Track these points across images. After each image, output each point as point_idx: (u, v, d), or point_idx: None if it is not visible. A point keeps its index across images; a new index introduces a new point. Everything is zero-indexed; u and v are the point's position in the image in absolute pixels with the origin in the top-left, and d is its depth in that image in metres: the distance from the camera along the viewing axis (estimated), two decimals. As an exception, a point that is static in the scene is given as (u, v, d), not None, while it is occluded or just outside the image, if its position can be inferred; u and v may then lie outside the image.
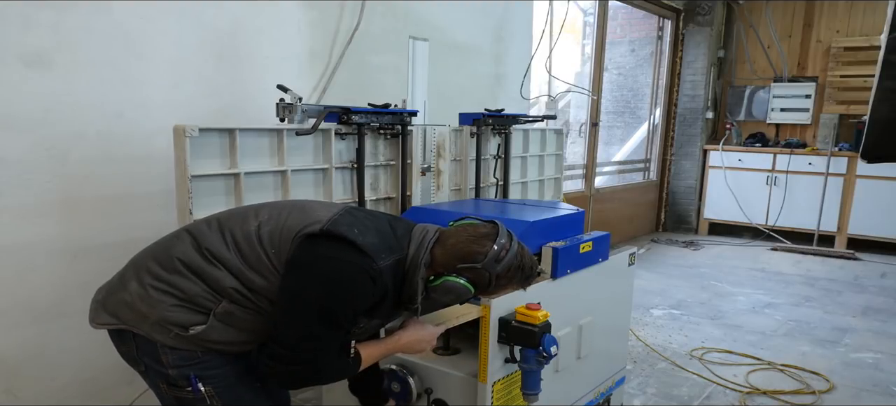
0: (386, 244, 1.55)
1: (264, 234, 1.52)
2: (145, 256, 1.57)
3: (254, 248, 1.50)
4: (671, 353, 3.60)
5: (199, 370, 1.52)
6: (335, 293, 1.46)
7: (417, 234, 1.62)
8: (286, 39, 2.85)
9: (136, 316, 1.50)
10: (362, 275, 1.48)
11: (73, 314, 2.30)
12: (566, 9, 4.86)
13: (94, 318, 1.57)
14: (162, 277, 1.50)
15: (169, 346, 1.50)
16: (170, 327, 1.48)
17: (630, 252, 2.56)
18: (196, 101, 2.55)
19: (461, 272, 1.56)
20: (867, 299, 4.81)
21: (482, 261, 1.56)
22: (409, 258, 1.58)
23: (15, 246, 2.15)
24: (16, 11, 2.05)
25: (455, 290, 1.58)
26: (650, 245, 6.64)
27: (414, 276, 1.58)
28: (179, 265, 1.50)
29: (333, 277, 1.46)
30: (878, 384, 3.28)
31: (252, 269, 1.49)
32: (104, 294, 1.58)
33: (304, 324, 1.46)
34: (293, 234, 1.50)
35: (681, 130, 7.21)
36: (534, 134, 3.34)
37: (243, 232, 1.53)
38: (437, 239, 1.61)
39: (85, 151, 2.26)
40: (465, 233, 1.62)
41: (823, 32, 6.73)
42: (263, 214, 1.58)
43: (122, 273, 1.59)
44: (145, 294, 1.49)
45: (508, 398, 1.93)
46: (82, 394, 2.36)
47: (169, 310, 1.48)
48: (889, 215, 6.14)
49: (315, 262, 1.47)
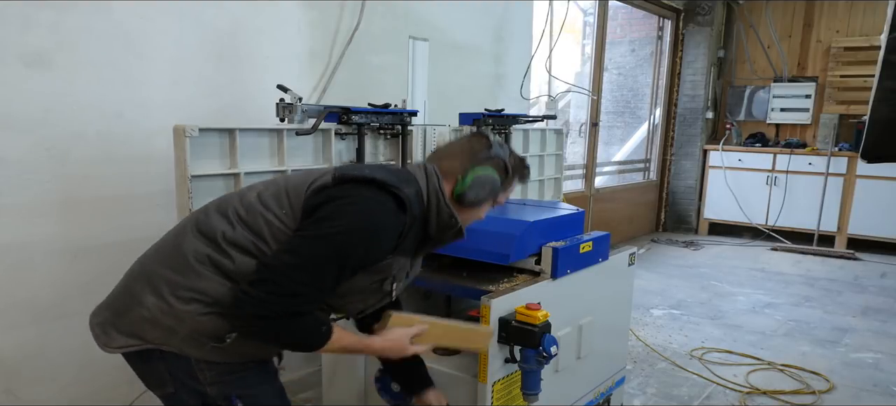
0: (400, 178, 1.48)
1: (268, 197, 1.42)
2: (153, 264, 1.43)
3: (258, 216, 1.40)
4: (671, 353, 3.60)
5: (241, 388, 1.44)
6: (357, 231, 1.36)
7: (415, 169, 1.56)
8: (286, 39, 2.85)
9: (163, 332, 1.37)
10: (387, 207, 1.40)
11: (73, 314, 2.30)
12: (566, 9, 4.86)
13: (108, 342, 1.42)
14: (181, 284, 1.37)
15: (205, 361, 1.39)
16: (204, 340, 1.37)
17: (630, 252, 2.56)
18: (196, 101, 2.55)
19: (481, 163, 1.56)
20: (867, 299, 4.80)
21: (491, 147, 1.57)
22: (427, 189, 1.52)
23: (15, 246, 2.15)
24: (16, 11, 2.05)
25: (487, 179, 1.56)
26: (650, 245, 6.64)
27: (439, 202, 1.53)
28: (195, 265, 1.38)
29: (358, 215, 1.37)
30: (878, 384, 3.28)
31: (264, 239, 1.38)
32: (112, 314, 1.44)
33: (308, 251, 1.33)
34: (303, 188, 1.41)
35: (681, 130, 7.22)
36: (534, 134, 3.34)
37: (244, 204, 1.43)
38: (438, 163, 1.59)
39: (85, 151, 2.26)
40: (455, 143, 1.63)
41: (823, 32, 6.73)
42: (258, 186, 1.49)
43: (127, 288, 1.44)
44: (168, 307, 1.36)
45: (508, 398, 1.93)
46: (82, 394, 2.36)
47: (199, 319, 1.36)
48: (889, 215, 6.14)
49: (336, 201, 1.37)
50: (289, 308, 1.32)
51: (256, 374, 1.49)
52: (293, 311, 1.33)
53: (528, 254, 2.06)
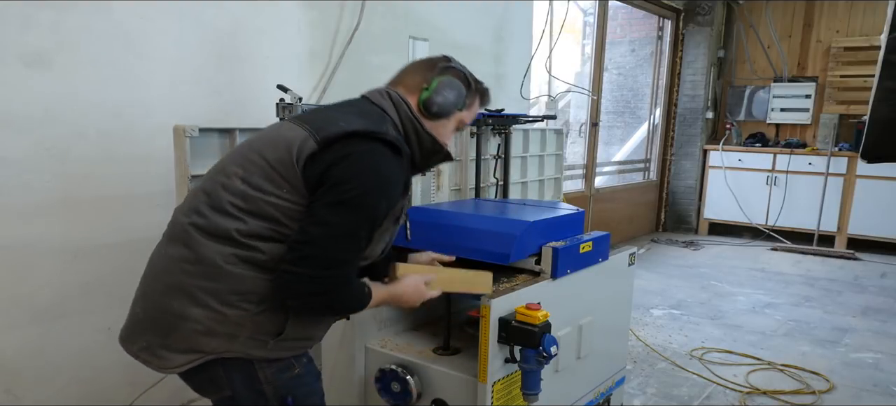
0: (376, 120, 1.46)
1: (255, 180, 1.38)
2: (182, 277, 1.37)
3: (261, 203, 1.36)
4: (671, 353, 3.60)
5: (295, 388, 1.45)
6: (373, 187, 1.37)
7: (380, 99, 1.54)
8: (286, 39, 2.85)
9: (223, 341, 1.35)
10: (382, 153, 1.40)
11: (72, 314, 2.31)
12: (566, 9, 4.86)
13: (164, 365, 1.38)
14: (223, 290, 1.34)
15: (266, 359, 1.39)
16: (265, 338, 1.38)
17: (630, 252, 2.56)
18: (196, 101, 2.55)
19: (443, 72, 1.58)
20: (867, 299, 4.81)
21: (450, 60, 1.61)
22: (400, 118, 1.52)
23: (15, 246, 2.15)
24: (16, 11, 2.05)
25: (452, 84, 1.57)
26: (650, 245, 6.64)
27: (417, 130, 1.53)
28: (228, 268, 1.34)
29: (364, 172, 1.36)
30: (878, 384, 3.28)
31: (280, 222, 1.36)
32: (157, 336, 1.39)
33: (346, 222, 1.33)
34: (289, 160, 1.36)
35: (681, 130, 7.22)
36: (534, 134, 3.33)
37: (235, 193, 1.38)
38: (399, 84, 1.59)
39: (85, 151, 2.26)
40: (413, 62, 1.64)
41: (823, 32, 6.73)
42: (228, 171, 1.42)
43: (161, 307, 1.39)
44: (220, 316, 1.34)
45: (508, 398, 1.93)
46: (82, 394, 2.36)
47: (256, 319, 1.36)
48: (889, 215, 6.14)
49: (339, 165, 1.35)
50: (339, 277, 1.35)
51: (309, 372, 1.51)
52: (343, 278, 1.37)
53: (528, 254, 2.06)
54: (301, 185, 1.36)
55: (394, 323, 2.31)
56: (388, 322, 2.29)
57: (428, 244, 2.13)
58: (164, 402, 2.58)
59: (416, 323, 2.41)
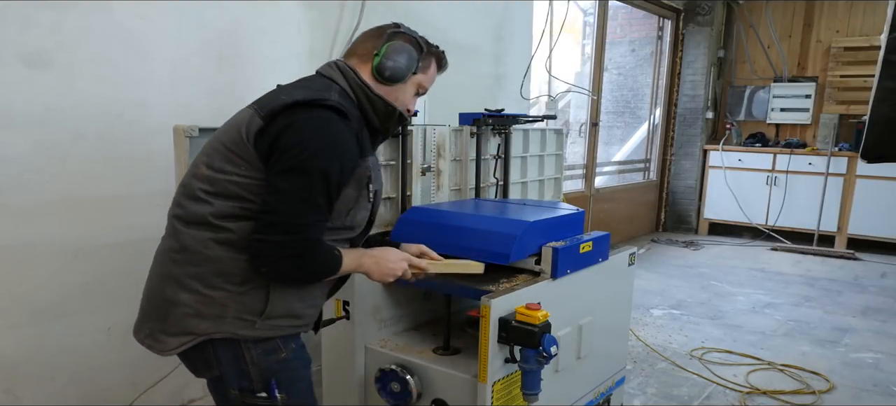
0: (315, 88, 1.51)
1: (218, 165, 1.44)
2: (171, 267, 1.47)
3: (225, 184, 1.43)
4: (671, 353, 3.60)
5: (281, 372, 1.50)
6: (320, 148, 1.41)
7: (329, 71, 1.59)
8: (286, 39, 2.85)
9: (211, 322, 1.43)
10: (327, 118, 1.44)
11: (72, 314, 2.31)
12: (566, 9, 4.86)
13: (163, 348, 1.47)
14: (205, 273, 1.42)
15: (252, 340, 1.45)
16: (251, 317, 1.44)
17: (630, 252, 2.56)
18: (196, 101, 2.55)
19: (392, 38, 1.61)
20: (867, 299, 4.81)
21: (400, 26, 1.65)
22: (349, 86, 1.57)
23: (15, 245, 2.15)
24: (16, 11, 2.05)
25: (401, 47, 1.61)
26: (650, 245, 6.64)
27: (367, 94, 1.57)
28: (206, 252, 1.42)
29: (310, 136, 1.41)
30: (878, 384, 3.28)
31: (245, 198, 1.42)
32: (156, 322, 1.49)
33: (300, 187, 1.39)
34: (241, 140, 1.42)
35: (681, 130, 7.22)
36: (534, 134, 3.33)
37: (204, 179, 1.45)
38: (350, 56, 1.64)
39: (85, 151, 2.26)
40: (364, 32, 1.68)
41: (823, 32, 6.73)
42: (199, 162, 1.49)
43: (158, 295, 1.49)
44: (206, 297, 1.43)
45: (508, 398, 1.93)
46: (82, 394, 2.36)
47: (239, 299, 1.43)
48: (889, 215, 6.14)
49: (285, 134, 1.40)
50: (302, 240, 1.41)
51: (296, 358, 1.55)
52: (311, 240, 1.43)
53: (528, 254, 2.06)
54: (256, 159, 1.42)
55: (394, 323, 2.31)
56: (388, 322, 2.29)
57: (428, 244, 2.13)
58: (164, 403, 2.58)
59: (417, 323, 2.41)
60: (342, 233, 1.58)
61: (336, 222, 1.53)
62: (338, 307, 2.14)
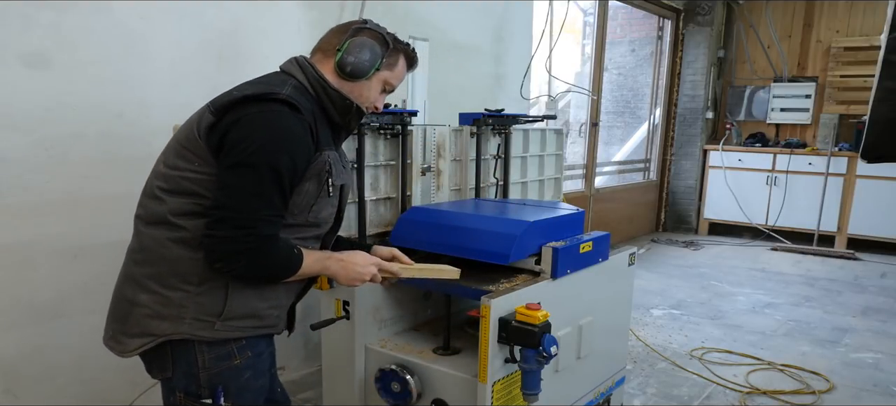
0: (269, 83, 1.50)
1: (172, 162, 1.45)
2: (132, 267, 1.49)
3: (179, 180, 1.43)
4: (671, 353, 3.60)
5: (230, 380, 1.47)
6: (268, 142, 1.38)
7: (289, 65, 1.59)
8: (286, 39, 2.85)
9: (170, 323, 1.42)
10: (277, 111, 1.41)
11: (72, 314, 2.31)
12: (566, 9, 4.86)
13: (123, 350, 1.47)
14: (163, 274, 1.42)
15: (207, 342, 1.44)
16: (210, 318, 1.43)
17: (630, 252, 2.56)
18: (196, 102, 2.52)
19: (356, 34, 1.59)
20: (867, 299, 4.81)
21: (366, 22, 1.63)
22: (307, 81, 1.55)
23: (15, 246, 2.15)
24: (16, 11, 2.05)
25: (363, 43, 1.57)
26: (650, 245, 6.64)
27: (325, 88, 1.55)
28: (163, 251, 1.42)
29: (258, 130, 1.38)
30: (878, 384, 3.28)
31: (198, 194, 1.41)
32: (116, 323, 1.50)
33: (248, 182, 1.37)
34: (194, 136, 1.43)
35: (681, 130, 7.22)
36: (534, 134, 3.33)
37: (160, 177, 1.46)
38: (315, 52, 1.62)
39: (85, 151, 2.26)
40: (329, 30, 1.65)
41: (823, 32, 6.73)
42: (158, 161, 1.51)
43: (120, 296, 1.50)
44: (164, 298, 1.42)
45: (508, 398, 1.93)
46: (82, 394, 2.36)
47: (197, 300, 1.42)
48: (889, 215, 6.14)
49: (234, 129, 1.39)
50: (254, 235, 1.38)
51: (249, 366, 1.51)
52: (263, 236, 1.39)
53: (528, 254, 2.06)
54: (207, 155, 1.41)
55: (394, 323, 2.32)
56: (388, 322, 2.29)
57: (428, 244, 2.14)
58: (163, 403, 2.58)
59: (416, 323, 2.41)
60: (307, 230, 1.55)
61: (299, 218, 1.50)
62: (338, 307, 2.14)
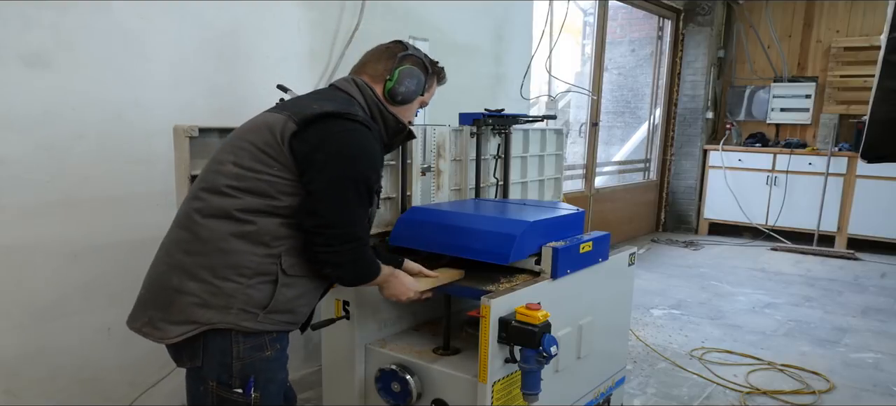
0: (345, 103, 1.63)
1: (247, 163, 1.52)
2: (181, 256, 1.51)
3: (256, 181, 1.50)
4: (671, 353, 3.60)
5: (261, 372, 1.54)
6: (359, 157, 1.54)
7: (346, 85, 1.72)
8: (286, 39, 2.85)
9: (216, 312, 1.47)
10: (362, 131, 1.56)
11: (73, 314, 2.31)
12: (566, 9, 4.86)
13: (163, 336, 1.50)
14: (218, 265, 1.47)
15: (244, 333, 1.49)
16: (255, 310, 1.50)
17: (630, 252, 2.56)
18: (196, 101, 2.55)
19: (403, 62, 1.75)
20: (867, 299, 4.81)
21: (407, 48, 1.78)
22: (366, 102, 1.70)
23: (15, 246, 2.15)
24: (16, 11, 2.05)
25: (413, 73, 1.75)
26: (650, 245, 6.64)
27: (382, 112, 1.73)
28: (224, 245, 1.48)
29: (349, 146, 1.53)
30: (878, 384, 3.28)
31: (273, 196, 1.50)
32: (158, 310, 1.51)
33: (350, 197, 1.53)
34: (274, 141, 1.50)
35: (681, 130, 7.22)
36: (534, 134, 3.33)
37: (230, 175, 1.52)
38: (363, 72, 1.78)
39: (85, 151, 2.26)
40: (374, 50, 1.81)
41: (823, 32, 6.73)
42: (221, 159, 1.56)
43: (162, 285, 1.52)
44: (215, 288, 1.47)
45: (508, 398, 1.93)
46: (82, 394, 2.36)
47: (247, 292, 1.49)
48: (889, 215, 6.14)
49: (325, 145, 1.50)
50: (361, 245, 1.58)
51: (276, 359, 1.59)
52: (362, 248, 1.59)
53: (528, 254, 2.06)
54: (289, 161, 1.51)
55: (394, 323, 2.32)
56: (388, 322, 2.29)
57: (428, 244, 2.13)
58: (163, 403, 2.58)
59: (417, 323, 2.41)
60: None
61: None
62: (338, 307, 2.14)
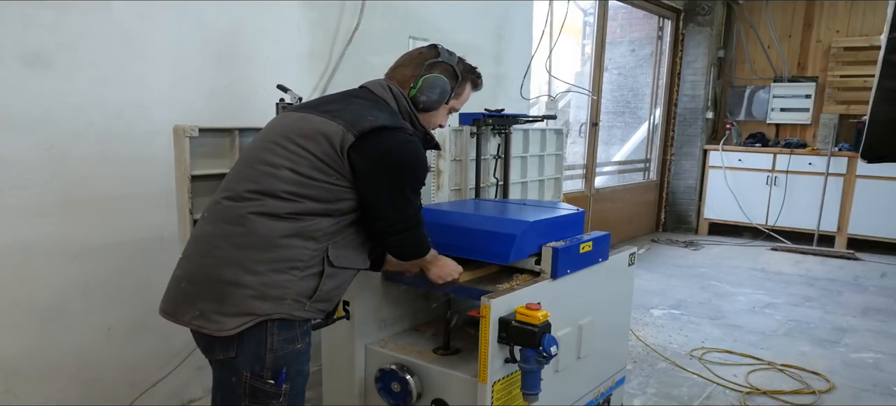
0: (390, 114, 1.72)
1: (305, 171, 1.58)
2: (233, 251, 1.54)
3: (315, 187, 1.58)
4: (671, 353, 3.60)
5: (293, 363, 1.60)
6: (414, 167, 1.67)
7: (383, 92, 1.78)
8: (286, 39, 2.85)
9: (272, 302, 1.53)
10: (415, 143, 1.69)
11: (72, 314, 2.31)
12: (566, 9, 4.86)
13: (220, 328, 1.52)
14: (274, 259, 1.53)
15: (279, 323, 1.55)
16: (305, 300, 1.58)
17: (630, 252, 2.56)
18: (196, 101, 2.55)
19: (430, 69, 1.81)
20: (867, 299, 4.81)
21: (439, 55, 1.83)
22: (399, 107, 1.77)
23: (15, 246, 2.15)
24: (16, 11, 2.05)
25: (435, 82, 1.80)
26: (650, 245, 6.64)
27: (414, 122, 1.80)
28: (281, 241, 1.54)
29: (405, 158, 1.65)
30: (878, 384, 3.28)
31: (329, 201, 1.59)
32: (212, 304, 1.53)
33: (406, 198, 1.67)
34: (333, 151, 1.58)
35: (681, 130, 7.22)
36: (534, 134, 3.33)
37: (288, 181, 1.58)
38: (393, 77, 1.84)
39: (85, 151, 2.26)
40: (407, 55, 1.88)
41: (823, 32, 6.73)
42: (273, 161, 1.61)
43: (214, 279, 1.54)
44: (271, 281, 1.53)
45: (508, 398, 1.93)
46: (82, 394, 2.36)
47: (300, 283, 1.56)
48: (889, 215, 6.14)
49: (385, 157, 1.61)
50: (419, 228, 1.77)
51: (304, 351, 1.65)
52: (421, 228, 1.78)
53: (528, 254, 2.06)
54: (348, 171, 1.60)
55: (394, 323, 2.32)
56: (389, 322, 2.29)
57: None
58: (164, 402, 2.58)
59: (416, 323, 2.41)
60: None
61: None
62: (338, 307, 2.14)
